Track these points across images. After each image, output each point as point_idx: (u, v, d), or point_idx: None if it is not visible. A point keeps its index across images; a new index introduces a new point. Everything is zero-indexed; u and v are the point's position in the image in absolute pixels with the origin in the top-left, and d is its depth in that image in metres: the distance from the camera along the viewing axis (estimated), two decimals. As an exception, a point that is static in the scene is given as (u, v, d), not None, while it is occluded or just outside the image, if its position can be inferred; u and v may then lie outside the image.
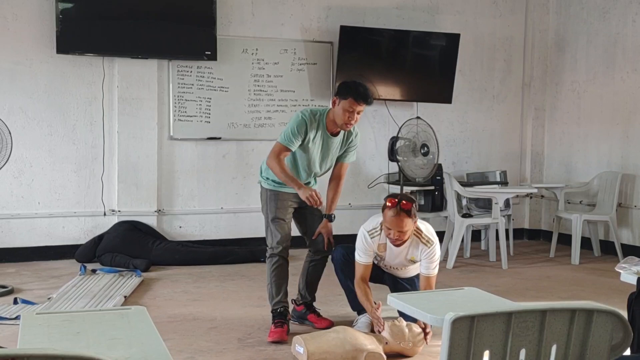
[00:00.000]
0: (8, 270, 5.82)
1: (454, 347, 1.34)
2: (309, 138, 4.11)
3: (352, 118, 4.04)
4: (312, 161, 4.20)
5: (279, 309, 4.17)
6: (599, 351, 1.45)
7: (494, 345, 1.37)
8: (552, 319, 1.40)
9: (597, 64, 7.23)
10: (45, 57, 6.16)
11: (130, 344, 1.51)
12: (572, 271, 6.25)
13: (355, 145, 4.33)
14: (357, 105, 4.02)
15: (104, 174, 6.41)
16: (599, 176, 7.01)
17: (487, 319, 1.34)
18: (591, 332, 1.44)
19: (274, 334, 4.04)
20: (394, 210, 3.80)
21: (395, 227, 3.82)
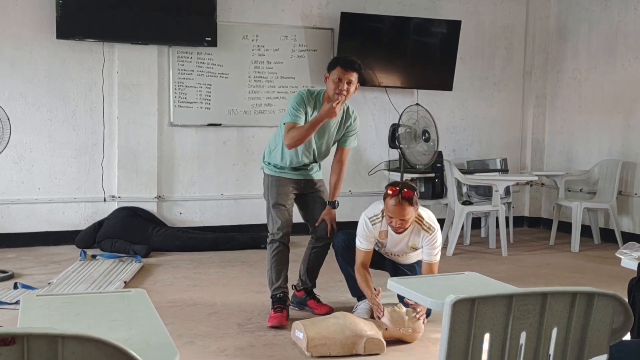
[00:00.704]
0: (8, 256, 5.83)
1: (455, 330, 1.34)
2: (308, 116, 4.11)
3: (342, 87, 4.02)
4: (310, 142, 4.18)
5: (279, 295, 4.18)
6: (599, 334, 1.45)
7: (495, 328, 1.37)
8: (553, 302, 1.40)
9: (598, 52, 7.21)
10: (45, 43, 6.13)
11: (130, 326, 1.52)
12: (572, 258, 6.26)
13: (355, 129, 4.32)
14: (344, 73, 4.03)
15: (104, 160, 6.40)
16: (599, 164, 7.01)
17: (487, 301, 1.34)
18: (592, 315, 1.43)
19: (274, 319, 4.05)
20: (395, 198, 3.80)
21: (397, 215, 3.83)
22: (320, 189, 4.38)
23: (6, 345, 1.03)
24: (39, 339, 1.05)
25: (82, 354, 1.08)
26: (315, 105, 4.15)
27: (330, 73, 4.10)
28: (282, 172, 4.25)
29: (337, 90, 4.02)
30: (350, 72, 4.04)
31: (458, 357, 1.35)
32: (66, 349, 1.07)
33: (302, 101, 4.11)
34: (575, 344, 1.44)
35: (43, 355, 1.06)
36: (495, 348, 1.38)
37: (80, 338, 1.07)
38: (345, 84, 4.03)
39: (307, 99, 4.13)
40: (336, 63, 4.10)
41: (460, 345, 1.34)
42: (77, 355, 1.07)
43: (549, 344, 1.43)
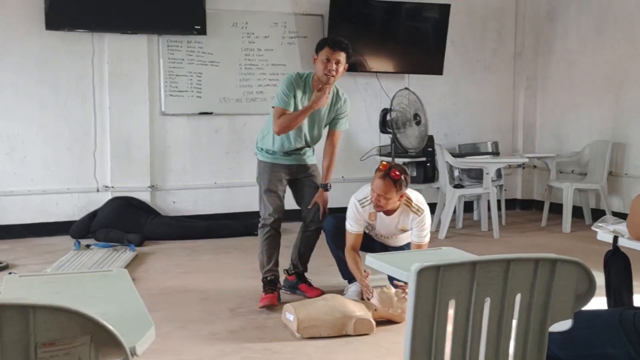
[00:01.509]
0: (2, 247, 5.86)
1: (420, 297, 1.38)
2: (297, 99, 4.15)
3: (331, 67, 4.06)
4: (301, 126, 4.22)
5: (269, 277, 4.24)
6: (563, 300, 1.49)
7: (460, 294, 1.41)
8: (516, 269, 1.44)
9: (588, 33, 7.23)
10: (34, 34, 6.14)
11: (108, 302, 1.55)
12: (563, 239, 6.31)
13: (345, 111, 4.35)
14: (332, 53, 4.07)
15: (97, 150, 6.43)
16: (590, 145, 7.05)
17: (452, 268, 1.38)
18: (555, 281, 1.47)
19: (265, 300, 4.11)
20: (383, 172, 3.86)
21: (378, 189, 3.87)
22: (313, 173, 4.42)
23: (-22, 315, 1.07)
24: (11, 309, 1.09)
25: (53, 323, 1.11)
26: (304, 88, 4.19)
27: (318, 54, 4.14)
28: (274, 157, 4.30)
29: (327, 70, 4.06)
30: (338, 52, 4.09)
31: (425, 323, 1.39)
32: (38, 318, 1.10)
33: (291, 85, 4.15)
34: (539, 309, 1.48)
35: (15, 325, 1.10)
36: (461, 313, 1.42)
37: (51, 308, 1.11)
38: (334, 64, 4.07)
39: (296, 83, 4.17)
40: (324, 43, 4.14)
41: (426, 312, 1.38)
42: (49, 324, 1.11)
43: (512, 309, 1.47)
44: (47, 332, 1.11)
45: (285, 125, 4.12)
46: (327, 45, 4.11)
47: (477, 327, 1.44)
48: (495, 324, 1.45)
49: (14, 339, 1.10)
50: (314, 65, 4.19)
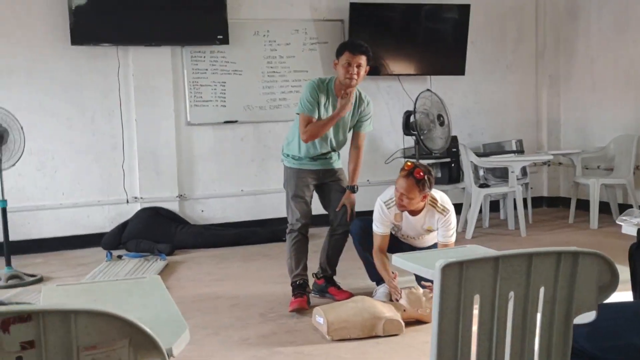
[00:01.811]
0: (36, 260, 5.98)
1: (445, 293, 1.41)
2: (321, 104, 4.21)
3: (353, 71, 4.12)
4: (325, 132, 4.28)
5: (298, 282, 4.31)
6: (586, 292, 1.52)
7: (484, 289, 1.44)
8: (538, 262, 1.47)
9: (609, 28, 7.19)
10: (60, 50, 6.27)
11: (143, 307, 1.61)
12: (591, 236, 6.27)
13: (369, 113, 4.40)
14: (353, 57, 4.13)
15: (125, 163, 6.54)
16: (615, 140, 7.00)
17: (475, 264, 1.41)
18: (577, 273, 1.50)
19: (294, 303, 4.18)
20: (406, 173, 3.89)
21: (401, 188, 3.91)
22: (339, 177, 4.48)
23: (23, 321, 1.13)
24: (53, 315, 1.15)
25: (94, 327, 1.17)
26: (327, 93, 4.24)
27: (339, 59, 4.19)
28: (300, 163, 4.36)
29: (348, 74, 4.11)
30: (359, 55, 4.14)
31: (450, 318, 1.42)
32: (79, 323, 1.16)
33: (314, 91, 4.21)
34: (562, 301, 1.51)
35: (57, 331, 1.16)
36: (486, 308, 1.46)
37: (91, 313, 1.17)
38: (355, 67, 4.12)
39: (318, 88, 4.22)
40: (344, 48, 4.20)
41: (452, 307, 1.42)
42: (89, 329, 1.17)
43: (537, 303, 1.50)
44: (88, 336, 1.17)
45: (313, 134, 4.20)
46: (347, 49, 4.16)
47: (502, 320, 1.47)
48: (520, 317, 1.48)
49: (57, 343, 1.15)
50: (335, 70, 4.24)
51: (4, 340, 1.12)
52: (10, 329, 1.12)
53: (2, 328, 1.12)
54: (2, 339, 1.12)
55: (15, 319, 1.12)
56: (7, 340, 1.12)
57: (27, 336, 1.14)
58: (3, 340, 1.12)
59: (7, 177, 5.53)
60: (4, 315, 1.12)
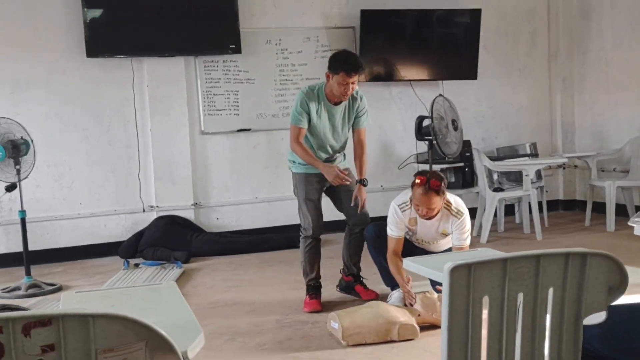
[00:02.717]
0: (55, 270, 6.05)
1: (454, 295, 1.43)
2: (312, 112, 4.30)
3: (348, 89, 4.24)
4: (324, 134, 4.38)
5: (313, 284, 4.44)
6: (595, 293, 1.53)
7: (493, 291, 1.46)
8: (546, 264, 1.48)
9: (623, 29, 7.17)
10: (76, 63, 6.35)
11: (160, 311, 1.65)
12: (608, 238, 6.25)
13: (364, 108, 4.48)
14: (349, 78, 4.21)
15: (141, 172, 6.60)
16: (631, 142, 6.97)
17: (483, 266, 1.43)
18: (586, 274, 1.51)
19: (310, 305, 4.32)
20: (423, 188, 3.89)
21: (424, 204, 3.92)
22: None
23: (44, 326, 1.17)
24: (72, 319, 1.19)
25: (111, 331, 1.21)
26: (318, 99, 4.33)
27: (333, 75, 4.24)
28: (307, 167, 4.43)
29: (344, 92, 4.22)
30: (354, 75, 4.22)
31: (459, 320, 1.45)
32: (97, 327, 1.20)
33: (304, 101, 4.31)
34: (572, 302, 1.53)
35: (77, 334, 1.20)
36: (495, 309, 1.48)
37: (109, 317, 1.20)
38: (350, 84, 4.23)
39: (308, 97, 4.32)
40: (339, 68, 4.22)
41: (461, 308, 1.44)
42: (107, 332, 1.21)
43: (546, 304, 1.52)
44: (106, 339, 1.21)
45: (297, 154, 4.35)
46: (343, 70, 4.19)
47: (511, 321, 1.49)
48: (529, 318, 1.50)
49: (76, 346, 1.19)
50: (327, 80, 4.30)
51: (25, 344, 1.16)
52: (31, 332, 1.16)
53: (23, 332, 1.16)
54: (24, 342, 1.16)
55: (36, 323, 1.16)
56: (28, 343, 1.16)
57: (47, 340, 1.18)
58: (24, 344, 1.16)
59: (26, 189, 5.62)
60: (25, 320, 1.16)
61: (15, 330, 1.16)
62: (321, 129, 4.37)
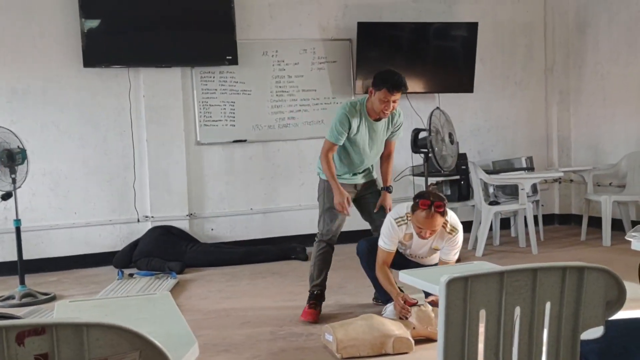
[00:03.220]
0: (50, 279, 6.02)
1: (451, 308, 1.43)
2: (354, 128, 4.33)
3: (389, 107, 4.27)
4: (363, 148, 4.42)
5: (316, 291, 4.43)
6: (593, 307, 1.52)
7: (489, 304, 1.45)
8: (544, 277, 1.48)
9: (619, 43, 7.20)
10: (73, 72, 6.36)
11: (154, 321, 1.64)
12: (604, 253, 6.24)
13: (401, 124, 4.54)
14: (391, 95, 4.24)
15: (136, 182, 6.59)
16: (627, 156, 6.98)
17: (480, 279, 1.43)
18: (584, 288, 1.51)
19: (307, 315, 4.31)
20: (427, 212, 3.87)
21: (429, 227, 3.91)
22: (375, 188, 4.60)
23: (38, 334, 1.16)
24: (66, 328, 1.17)
25: (105, 340, 1.20)
26: (360, 115, 4.36)
27: (375, 91, 4.26)
28: (338, 178, 4.46)
29: (384, 108, 4.25)
30: (397, 94, 4.24)
31: (456, 333, 1.44)
32: (90, 336, 1.19)
33: (345, 119, 4.33)
34: (569, 316, 1.52)
35: (70, 343, 1.19)
36: (492, 323, 1.47)
37: (103, 326, 1.19)
38: (392, 102, 4.26)
39: (350, 114, 4.33)
40: (383, 84, 4.23)
41: (457, 322, 1.43)
42: (101, 342, 1.19)
43: (543, 318, 1.51)
44: (100, 348, 1.20)
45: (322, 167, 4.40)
46: (385, 87, 4.21)
47: (508, 336, 1.48)
48: (526, 332, 1.49)
49: (70, 355, 1.18)
50: (370, 97, 4.32)
51: (19, 353, 1.15)
52: (25, 341, 1.15)
53: (17, 341, 1.15)
54: (17, 351, 1.15)
55: (30, 332, 1.15)
56: (22, 352, 1.15)
57: (41, 349, 1.17)
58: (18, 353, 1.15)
59: (22, 197, 5.60)
60: (19, 328, 1.15)
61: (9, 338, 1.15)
62: (361, 144, 4.41)
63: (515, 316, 1.48)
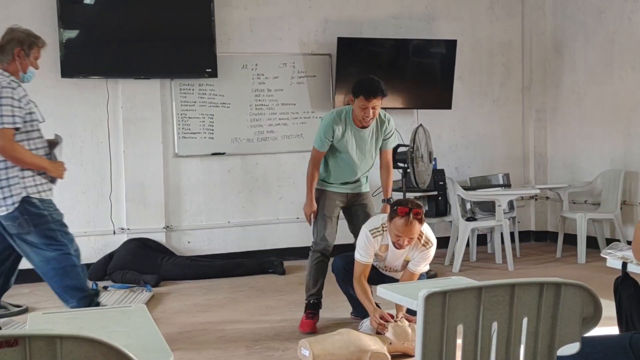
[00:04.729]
0: (23, 291, 5.91)
1: (429, 322, 1.42)
2: (338, 135, 4.38)
3: (368, 113, 4.31)
4: (351, 156, 4.45)
5: (312, 300, 4.46)
6: (569, 324, 1.53)
7: (467, 319, 1.45)
8: (521, 293, 1.48)
9: (595, 63, 7.30)
10: (50, 82, 6.28)
11: (129, 336, 1.61)
12: (579, 270, 6.29)
13: (392, 130, 4.58)
14: (368, 102, 4.27)
15: (112, 194, 6.53)
16: (602, 175, 7.06)
17: (458, 294, 1.43)
18: (560, 304, 1.51)
19: (306, 326, 4.34)
20: (405, 218, 3.86)
21: (407, 234, 3.90)
22: (364, 202, 4.63)
23: (10, 346, 1.13)
24: (39, 340, 1.15)
25: (79, 353, 1.17)
26: (346, 123, 4.41)
27: (354, 100, 4.33)
28: (329, 185, 4.53)
29: (364, 116, 4.31)
30: (373, 100, 4.26)
31: (433, 348, 1.43)
32: (64, 348, 1.17)
33: (329, 127, 4.39)
34: (546, 332, 1.52)
35: (44, 356, 1.16)
36: (469, 338, 1.47)
37: (77, 338, 1.17)
38: (371, 109, 4.30)
39: (335, 123, 4.39)
40: (359, 92, 4.30)
41: (435, 336, 1.43)
42: (75, 354, 1.17)
43: (520, 333, 1.51)
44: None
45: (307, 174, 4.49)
46: (362, 94, 4.26)
47: (485, 351, 1.48)
48: (503, 348, 1.49)
49: (42, 368, 1.16)
50: (352, 105, 4.38)
51: (-10, 366, 1.12)
52: (-4, 354, 1.13)
53: (-13, 353, 1.12)
54: (-13, 364, 1.12)
55: (2, 344, 1.13)
56: (-7, 365, 1.13)
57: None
58: (-12, 366, 1.12)
59: (-6, 207, 5.50)
60: (-10, 341, 1.13)
61: (-20, 351, 1.12)
62: (349, 152, 4.43)
63: (493, 331, 1.49)
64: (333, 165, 4.50)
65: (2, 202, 3.86)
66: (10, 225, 3.88)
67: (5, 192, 3.85)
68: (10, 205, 3.85)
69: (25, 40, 4.08)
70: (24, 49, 4.07)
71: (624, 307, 2.44)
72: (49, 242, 3.91)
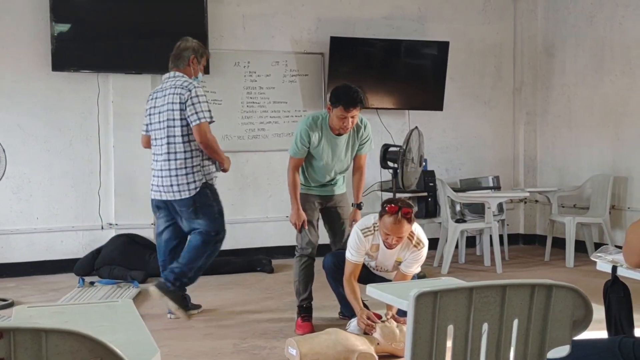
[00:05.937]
0: (8, 285, 5.89)
1: (419, 322, 1.41)
2: (314, 142, 4.36)
3: (347, 123, 4.29)
4: (327, 162, 4.44)
5: (305, 305, 4.47)
6: (560, 325, 1.52)
7: (458, 319, 1.44)
8: (512, 294, 1.48)
9: (586, 67, 7.32)
10: (41, 75, 6.26)
11: (115, 331, 1.59)
12: (567, 273, 6.30)
13: (368, 136, 4.55)
14: (347, 112, 4.24)
15: (101, 188, 6.49)
16: (591, 179, 7.08)
17: (449, 294, 1.42)
18: (551, 306, 1.51)
19: (302, 328, 4.33)
20: (394, 217, 3.85)
21: (395, 233, 3.89)
22: (341, 204, 4.64)
23: (-7, 339, 1.11)
24: (24, 333, 1.13)
25: (65, 347, 1.16)
26: (322, 130, 4.38)
27: (332, 108, 4.29)
28: (308, 188, 4.54)
29: (343, 125, 4.30)
30: (353, 110, 4.24)
31: (423, 348, 1.42)
32: (49, 342, 1.15)
33: (306, 133, 4.37)
34: (536, 334, 1.52)
35: (29, 349, 1.14)
36: (459, 339, 1.46)
37: (62, 332, 1.15)
38: (349, 118, 4.28)
39: (311, 129, 4.36)
40: (338, 102, 4.26)
41: (425, 337, 1.42)
42: (60, 348, 1.15)
43: (510, 335, 1.50)
44: (59, 355, 1.15)
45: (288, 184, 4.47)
46: (341, 104, 4.23)
47: (475, 352, 1.47)
48: (493, 349, 1.48)
49: (27, 362, 1.14)
50: (329, 112, 4.35)
51: (-27, 359, 1.10)
52: (-20, 347, 1.11)
53: (-29, 346, 1.10)
54: (-29, 357, 1.10)
55: (-15, 337, 1.11)
56: (-24, 358, 1.11)
57: (-4, 354, 1.12)
58: (-29, 358, 1.10)
59: (-19, 200, 5.47)
60: (-26, 334, 1.10)
61: (-37, 343, 1.10)
62: (324, 158, 4.43)
63: (483, 332, 1.48)
64: (310, 170, 4.51)
65: (185, 187, 4.51)
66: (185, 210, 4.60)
67: (189, 178, 4.53)
68: (192, 190, 4.55)
69: (199, 50, 4.80)
70: (197, 56, 4.78)
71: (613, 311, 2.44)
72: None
